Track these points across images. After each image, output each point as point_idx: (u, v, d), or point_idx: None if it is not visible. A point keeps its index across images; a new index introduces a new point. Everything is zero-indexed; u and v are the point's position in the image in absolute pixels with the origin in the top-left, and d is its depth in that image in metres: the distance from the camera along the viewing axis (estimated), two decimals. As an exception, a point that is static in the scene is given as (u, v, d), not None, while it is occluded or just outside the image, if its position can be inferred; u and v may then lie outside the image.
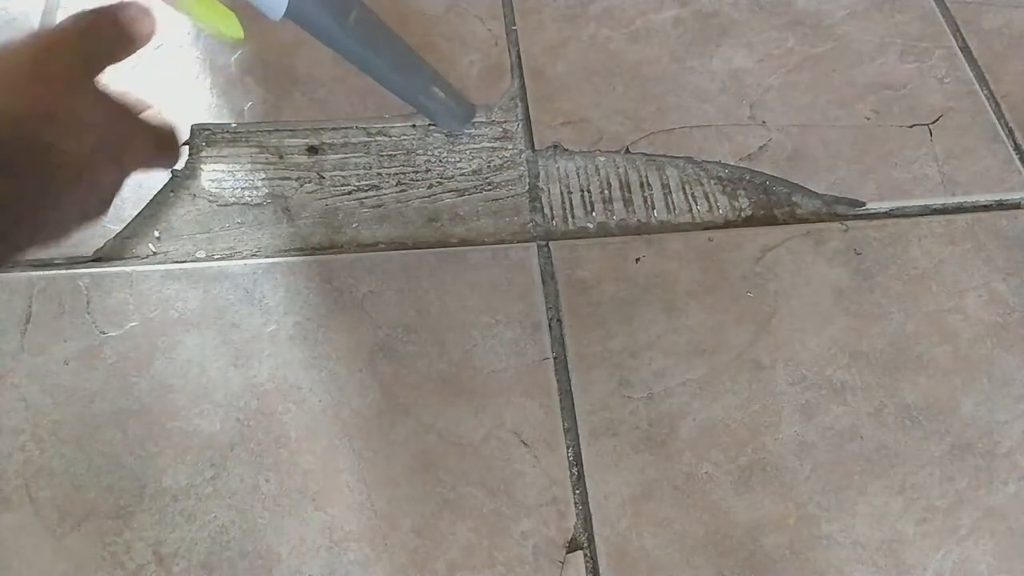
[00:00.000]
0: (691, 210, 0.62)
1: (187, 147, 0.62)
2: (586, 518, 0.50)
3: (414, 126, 0.65)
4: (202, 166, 0.62)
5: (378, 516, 0.49)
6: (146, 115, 0.36)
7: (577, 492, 0.50)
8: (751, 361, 0.55)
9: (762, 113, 0.67)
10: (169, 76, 0.66)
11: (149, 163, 0.37)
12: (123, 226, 0.58)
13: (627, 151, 0.64)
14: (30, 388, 0.52)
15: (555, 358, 0.55)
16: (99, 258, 0.57)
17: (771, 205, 0.63)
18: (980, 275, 0.60)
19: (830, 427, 0.53)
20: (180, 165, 0.55)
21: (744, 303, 0.58)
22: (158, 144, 0.36)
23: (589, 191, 0.62)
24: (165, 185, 0.60)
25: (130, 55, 0.35)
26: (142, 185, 0.60)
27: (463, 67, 0.68)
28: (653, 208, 0.62)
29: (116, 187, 0.34)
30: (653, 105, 0.67)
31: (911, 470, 0.52)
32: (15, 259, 0.30)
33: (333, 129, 0.64)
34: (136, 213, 0.59)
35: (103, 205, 0.34)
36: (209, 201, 0.60)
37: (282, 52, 0.68)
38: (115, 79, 0.33)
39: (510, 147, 0.64)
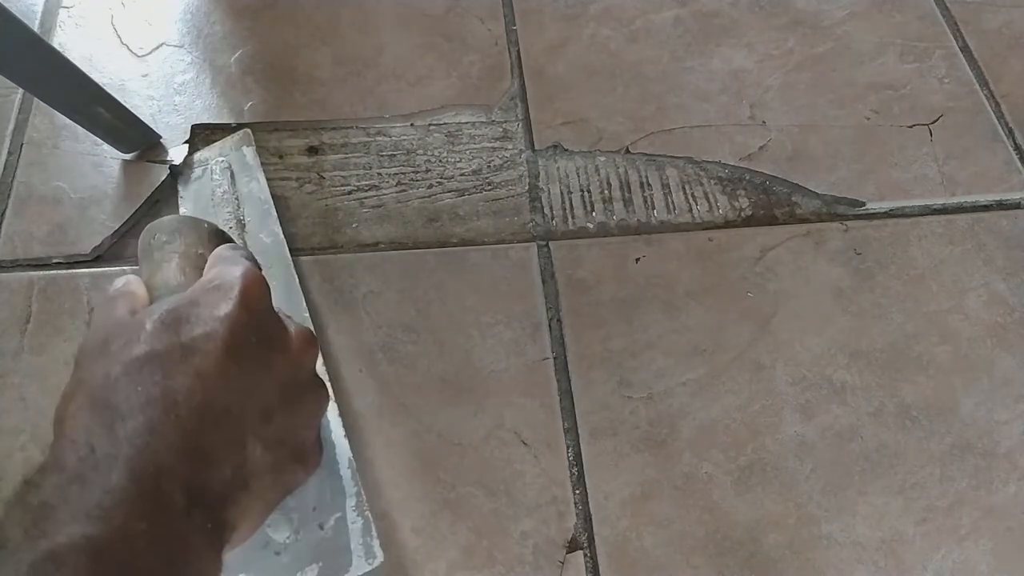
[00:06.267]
0: (691, 210, 0.62)
1: (187, 146, 0.62)
2: (586, 518, 0.50)
3: (413, 126, 0.65)
4: (202, 166, 0.62)
5: (378, 516, 0.49)
6: None
7: (577, 492, 0.50)
8: (751, 361, 0.55)
9: (762, 113, 0.67)
10: (169, 76, 0.66)
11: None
12: (122, 224, 0.58)
13: (627, 151, 0.64)
14: (30, 388, 0.51)
15: (555, 358, 0.55)
16: (98, 257, 0.57)
17: (771, 205, 0.63)
18: (980, 275, 0.60)
19: (830, 427, 0.53)
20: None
21: (744, 303, 0.58)
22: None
23: (589, 191, 0.62)
24: (164, 183, 0.60)
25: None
26: (141, 182, 0.60)
27: (463, 67, 0.68)
28: (653, 208, 0.62)
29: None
30: (653, 105, 0.67)
31: (911, 470, 0.52)
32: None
33: (333, 129, 0.64)
34: (135, 211, 0.59)
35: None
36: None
37: (282, 52, 0.68)
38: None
39: (510, 147, 0.64)
